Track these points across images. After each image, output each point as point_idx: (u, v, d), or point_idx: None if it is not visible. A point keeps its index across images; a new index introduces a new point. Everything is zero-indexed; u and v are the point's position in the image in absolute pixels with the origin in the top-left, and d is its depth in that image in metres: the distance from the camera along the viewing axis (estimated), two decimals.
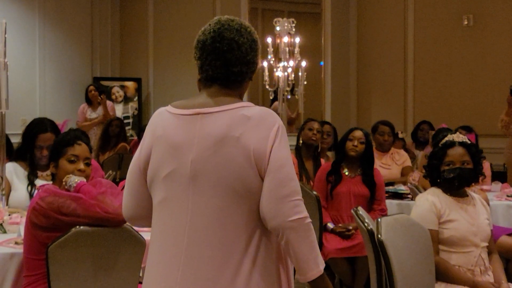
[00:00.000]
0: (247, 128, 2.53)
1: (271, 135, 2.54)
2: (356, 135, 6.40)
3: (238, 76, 2.67)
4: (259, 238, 2.58)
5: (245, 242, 2.55)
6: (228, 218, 2.54)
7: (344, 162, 6.42)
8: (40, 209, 3.70)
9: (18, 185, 5.26)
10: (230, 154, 2.52)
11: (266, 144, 2.53)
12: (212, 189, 2.54)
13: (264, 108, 2.62)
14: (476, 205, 4.56)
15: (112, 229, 3.75)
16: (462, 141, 4.57)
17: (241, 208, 2.55)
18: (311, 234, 2.59)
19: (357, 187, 6.30)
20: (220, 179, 2.53)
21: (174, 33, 12.95)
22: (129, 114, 13.28)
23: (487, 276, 4.38)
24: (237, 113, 2.55)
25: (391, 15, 11.75)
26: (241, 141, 2.52)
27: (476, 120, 10.35)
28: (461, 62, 10.98)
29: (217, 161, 2.53)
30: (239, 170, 2.52)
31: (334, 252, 5.92)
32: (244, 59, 2.66)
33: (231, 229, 2.54)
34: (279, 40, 10.19)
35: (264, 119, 2.56)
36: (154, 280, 2.65)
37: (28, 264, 3.83)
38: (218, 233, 2.54)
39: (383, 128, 8.13)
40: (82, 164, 4.04)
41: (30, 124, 5.41)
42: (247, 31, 2.69)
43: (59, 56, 12.79)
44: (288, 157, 2.58)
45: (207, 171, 2.54)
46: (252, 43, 2.69)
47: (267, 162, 2.53)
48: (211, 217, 2.54)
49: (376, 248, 3.89)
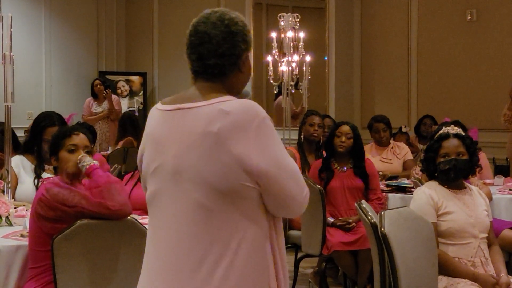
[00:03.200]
0: (225, 124, 2.47)
1: (250, 135, 2.48)
2: (343, 130, 6.39)
3: (214, 69, 2.63)
4: (245, 235, 2.53)
5: (228, 237, 2.51)
6: (210, 213, 2.51)
7: (334, 158, 6.44)
8: (46, 200, 3.73)
9: (25, 178, 5.29)
10: (209, 149, 2.48)
11: (247, 147, 2.48)
12: (193, 185, 2.52)
13: (244, 101, 2.55)
14: (474, 196, 4.58)
15: (117, 221, 3.78)
16: (457, 133, 4.58)
17: (225, 205, 2.51)
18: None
19: (350, 180, 6.32)
20: (200, 174, 2.50)
21: (179, 28, 12.92)
22: (135, 108, 13.28)
23: (488, 267, 4.40)
24: (215, 108, 2.51)
25: (395, 10, 11.75)
26: (220, 138, 2.47)
27: (479, 114, 10.38)
28: (464, 57, 10.98)
29: (197, 157, 2.51)
30: (219, 166, 2.48)
31: (337, 245, 5.93)
32: (217, 52, 2.61)
33: (214, 224, 2.51)
34: (283, 35, 10.20)
35: (243, 114, 2.50)
36: (143, 271, 2.70)
37: (34, 256, 3.85)
38: (199, 228, 2.52)
39: (377, 125, 8.18)
40: (82, 152, 4.03)
41: (38, 118, 5.44)
42: (224, 23, 2.63)
43: (65, 50, 12.81)
44: (275, 157, 2.53)
45: (188, 167, 2.53)
46: (228, 35, 2.62)
47: (253, 172, 2.49)
48: (193, 212, 2.53)
49: (379, 241, 3.90)
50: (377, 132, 8.15)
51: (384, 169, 7.63)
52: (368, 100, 12.18)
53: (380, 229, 3.83)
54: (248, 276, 2.54)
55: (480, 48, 10.82)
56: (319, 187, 6.00)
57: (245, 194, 2.52)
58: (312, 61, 10.42)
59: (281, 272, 2.64)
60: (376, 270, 4.05)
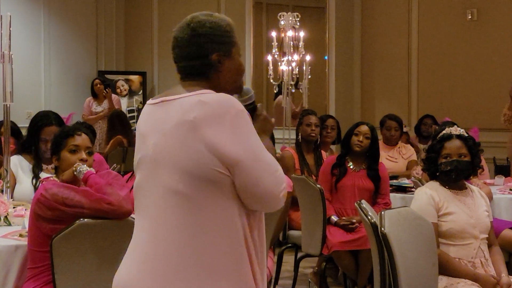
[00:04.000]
0: (201, 113, 2.52)
1: (226, 125, 2.52)
2: (362, 130, 6.38)
3: (188, 70, 2.70)
4: (216, 222, 2.55)
5: (199, 223, 2.54)
6: (184, 198, 2.55)
7: (349, 156, 6.43)
8: (45, 200, 3.71)
9: (23, 178, 5.28)
10: (184, 137, 2.53)
11: (222, 136, 2.51)
12: (168, 172, 2.57)
13: (222, 94, 2.60)
14: (475, 197, 4.57)
15: (116, 221, 3.76)
16: (459, 134, 4.57)
17: (198, 191, 2.54)
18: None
19: (362, 181, 6.30)
20: (175, 161, 2.56)
21: None
22: (134, 107, 13.29)
23: (488, 267, 4.40)
24: (194, 99, 2.56)
25: (395, 10, 11.75)
26: (195, 125, 2.52)
27: (479, 114, 10.38)
28: (464, 57, 10.98)
29: (172, 144, 2.56)
30: (192, 153, 2.52)
31: (337, 245, 5.93)
32: (183, 55, 2.70)
33: (187, 209, 2.55)
34: (283, 34, 10.21)
35: (220, 105, 2.54)
36: (124, 259, 2.76)
37: (32, 256, 3.84)
38: (173, 213, 2.57)
39: (390, 123, 8.18)
40: (83, 153, 4.06)
41: (35, 117, 5.43)
42: (190, 27, 2.69)
43: (64, 50, 12.81)
44: (250, 148, 2.55)
45: (164, 154, 2.59)
46: (192, 37, 2.68)
47: (226, 160, 2.52)
48: (168, 198, 2.58)
49: (379, 241, 3.90)
50: (389, 129, 8.17)
51: (389, 167, 7.63)
52: (368, 99, 12.17)
53: (380, 229, 3.83)
54: (219, 265, 2.56)
55: (480, 47, 10.82)
56: (319, 187, 5.98)
57: (219, 181, 2.54)
58: (312, 60, 10.43)
59: (258, 265, 2.66)
60: (376, 270, 4.04)
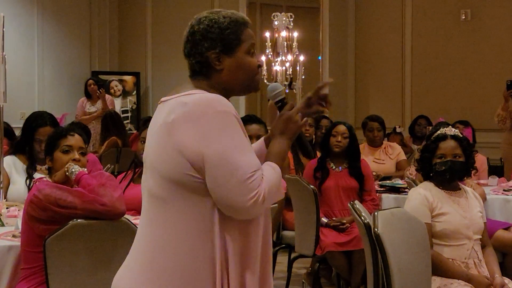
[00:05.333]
0: (179, 114, 2.48)
1: (198, 125, 2.45)
2: (339, 130, 6.38)
3: (191, 68, 2.69)
4: (188, 230, 2.50)
5: (173, 229, 2.51)
6: (161, 203, 2.53)
7: (329, 157, 6.43)
8: (37, 201, 3.70)
9: (17, 179, 5.27)
10: (160, 138, 2.53)
11: (194, 137, 2.46)
12: (150, 174, 2.59)
13: (207, 95, 2.54)
14: (469, 198, 4.58)
15: (110, 222, 3.75)
16: (454, 134, 4.58)
17: (175, 195, 2.50)
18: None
19: (345, 180, 6.31)
20: (152, 163, 2.57)
21: (172, 27, 12.93)
22: (128, 108, 13.28)
23: (482, 268, 4.40)
24: (178, 100, 2.54)
25: (389, 10, 11.77)
26: (171, 127, 2.49)
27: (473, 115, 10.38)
28: (458, 57, 10.99)
29: (154, 147, 2.57)
30: (165, 155, 2.50)
31: (331, 245, 5.93)
32: (185, 53, 2.70)
33: (163, 214, 2.53)
34: (277, 35, 10.23)
35: (198, 105, 2.48)
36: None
37: (26, 257, 3.83)
38: (150, 217, 2.58)
39: (371, 124, 8.15)
40: (76, 153, 4.06)
41: (29, 118, 5.42)
42: (190, 24, 2.68)
43: (57, 50, 12.79)
44: (219, 150, 2.43)
45: (148, 157, 2.61)
46: (190, 35, 2.66)
47: (196, 162, 2.46)
48: (148, 200, 2.60)
49: (372, 242, 3.89)
50: (371, 131, 8.12)
51: (377, 169, 7.62)
52: (362, 100, 12.18)
53: (374, 229, 3.82)
54: (185, 273, 2.50)
55: (474, 48, 10.83)
56: (312, 187, 5.98)
57: (190, 185, 2.48)
58: (306, 60, 10.45)
59: (227, 274, 2.51)
60: (370, 271, 4.04)
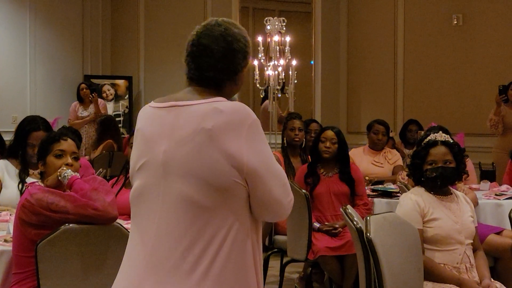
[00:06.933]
0: (219, 122, 2.53)
1: (242, 134, 2.54)
2: (327, 135, 6.37)
3: (211, 80, 2.68)
4: (230, 233, 2.57)
5: (213, 234, 2.54)
6: (199, 208, 2.54)
7: (319, 163, 6.42)
8: (29, 206, 3.70)
9: (9, 183, 5.26)
10: (201, 145, 2.53)
11: (239, 146, 2.54)
12: (182, 179, 2.55)
13: (237, 103, 2.62)
14: (460, 202, 4.58)
15: (102, 226, 3.76)
16: (445, 140, 4.57)
17: (216, 201, 2.55)
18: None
19: (336, 186, 6.31)
20: (190, 169, 2.54)
21: (165, 32, 12.94)
22: (120, 112, 13.27)
23: (473, 273, 4.41)
24: (210, 106, 2.56)
25: (381, 15, 11.78)
26: (213, 135, 2.52)
27: (465, 119, 10.41)
28: (450, 62, 11.01)
29: (187, 152, 2.55)
30: (211, 162, 2.52)
31: (323, 250, 5.92)
32: (216, 67, 2.67)
33: (201, 219, 2.54)
34: (269, 39, 10.22)
35: (236, 114, 2.56)
36: (124, 264, 2.71)
37: (17, 262, 3.83)
38: (186, 223, 2.55)
39: (378, 127, 8.16)
40: (69, 158, 4.05)
41: (22, 122, 5.41)
42: (226, 40, 2.68)
43: (50, 54, 12.77)
44: (265, 158, 2.60)
45: (178, 161, 2.56)
46: (229, 52, 2.68)
47: (244, 170, 2.55)
48: (181, 206, 2.56)
49: (365, 246, 3.89)
50: (376, 133, 8.12)
51: (374, 172, 7.64)
52: (354, 104, 12.19)
53: (366, 234, 3.82)
54: (228, 275, 2.57)
55: (466, 52, 10.85)
56: (305, 192, 5.99)
57: (235, 191, 2.57)
58: (298, 65, 10.44)
59: (260, 273, 2.72)
60: (362, 275, 4.04)
